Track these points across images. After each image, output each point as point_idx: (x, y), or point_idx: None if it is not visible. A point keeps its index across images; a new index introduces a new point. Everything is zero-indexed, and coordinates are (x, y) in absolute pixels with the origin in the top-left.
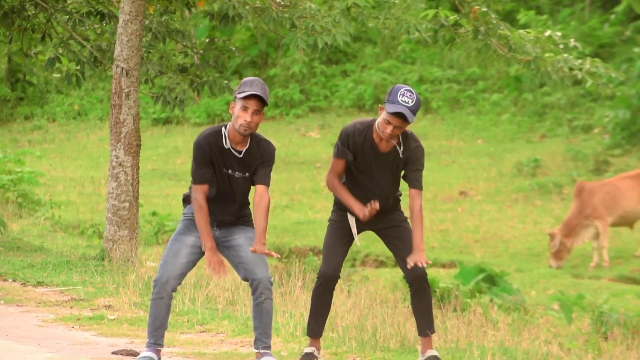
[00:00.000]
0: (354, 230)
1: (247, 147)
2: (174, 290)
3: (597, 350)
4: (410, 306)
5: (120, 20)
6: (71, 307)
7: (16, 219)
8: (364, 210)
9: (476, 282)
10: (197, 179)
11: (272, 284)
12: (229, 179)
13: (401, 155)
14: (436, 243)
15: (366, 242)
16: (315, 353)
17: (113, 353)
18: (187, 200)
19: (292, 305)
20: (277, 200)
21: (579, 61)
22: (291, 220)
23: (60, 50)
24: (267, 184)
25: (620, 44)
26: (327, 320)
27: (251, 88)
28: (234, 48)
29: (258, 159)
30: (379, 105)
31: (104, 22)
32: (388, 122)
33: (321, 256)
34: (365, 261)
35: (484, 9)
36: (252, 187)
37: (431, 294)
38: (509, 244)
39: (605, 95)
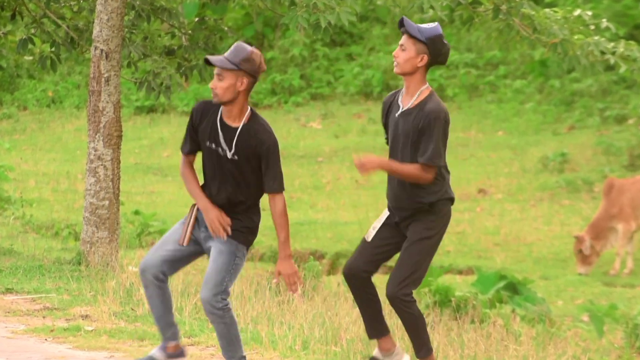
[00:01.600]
0: (377, 224)
1: (240, 124)
2: (157, 277)
3: None
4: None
5: None
6: (44, 317)
7: None
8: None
9: (496, 290)
10: (182, 146)
11: (218, 307)
12: (215, 156)
13: (415, 114)
14: (452, 247)
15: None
16: (380, 357)
17: None
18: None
19: (290, 316)
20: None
21: (612, 44)
22: (290, 221)
23: (33, 31)
24: (278, 190)
25: None
26: (330, 332)
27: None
28: (226, 28)
29: (251, 146)
30: None
31: None
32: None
33: (323, 262)
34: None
35: None
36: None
37: (413, 318)
38: (533, 248)
39: None
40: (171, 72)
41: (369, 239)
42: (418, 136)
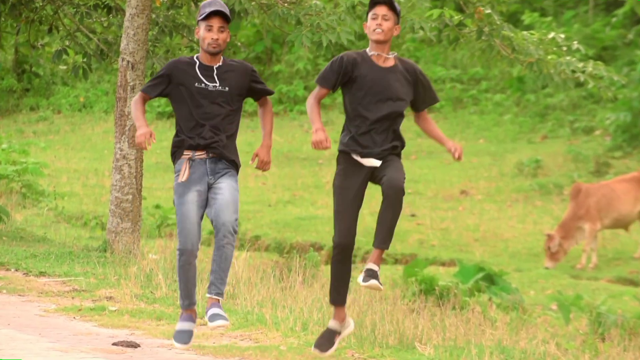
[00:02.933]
0: (367, 162)
1: (219, 63)
2: (198, 249)
3: (594, 351)
4: (377, 219)
5: (127, 14)
6: (73, 298)
7: (20, 209)
8: (316, 136)
9: (475, 280)
10: (145, 87)
11: (236, 231)
12: (204, 94)
13: (402, 69)
14: (436, 241)
15: (367, 239)
16: (338, 328)
17: (113, 344)
18: (175, 154)
19: (292, 300)
20: (279, 195)
21: (582, 63)
22: (293, 216)
23: (67, 43)
24: (268, 93)
25: (622, 47)
26: (327, 316)
27: (210, 7)
28: (239, 43)
29: (235, 73)
30: (364, 23)
31: (111, 15)
32: (374, 17)
33: (322, 252)
34: (366, 257)
35: (488, 10)
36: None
37: (400, 211)
38: (509, 244)
39: (606, 97)
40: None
41: (377, 164)
42: (415, 86)
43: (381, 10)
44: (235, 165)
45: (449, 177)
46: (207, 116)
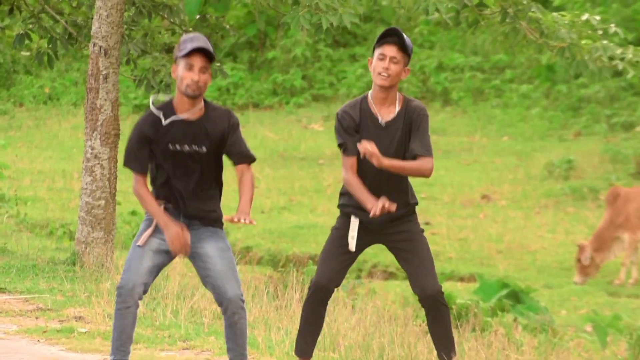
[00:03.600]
0: (353, 232)
1: (200, 115)
2: (140, 298)
3: None
4: (429, 330)
5: None
6: (37, 318)
7: None
8: (376, 205)
9: (498, 298)
10: (136, 167)
11: (244, 301)
12: (179, 156)
13: (404, 119)
14: (454, 253)
15: (374, 251)
16: None
17: None
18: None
19: (288, 321)
20: (274, 200)
21: (620, 50)
22: (289, 224)
23: (30, 26)
24: (248, 161)
25: None
26: (328, 339)
27: (192, 43)
28: (228, 26)
29: (218, 131)
30: (369, 59)
31: None
32: (382, 57)
33: None
34: (373, 272)
35: None
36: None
37: (449, 313)
38: (537, 256)
39: None
40: (170, 69)
41: (353, 248)
42: (410, 133)
43: (390, 50)
44: (215, 220)
45: (468, 180)
46: (181, 179)
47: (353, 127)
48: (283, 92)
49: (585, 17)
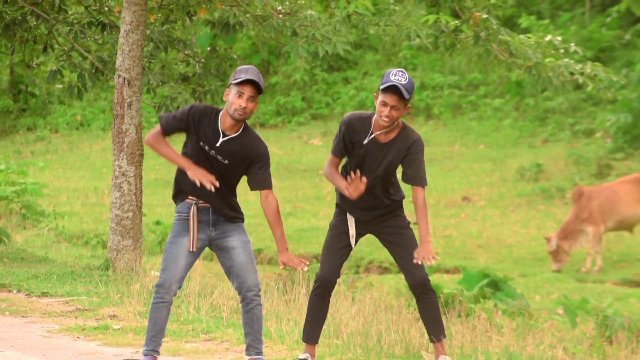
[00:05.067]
0: (352, 231)
1: (236, 134)
2: (175, 294)
3: (602, 354)
4: (420, 314)
5: (122, 30)
6: (76, 317)
7: (20, 230)
8: (349, 190)
9: (480, 287)
10: (165, 124)
11: (260, 290)
12: (206, 156)
13: (399, 144)
14: (440, 249)
15: (370, 249)
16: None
17: None
18: (177, 196)
19: (296, 312)
20: (280, 207)
21: (580, 65)
22: (294, 228)
23: (62, 62)
24: (270, 187)
25: (620, 48)
26: (332, 327)
27: (246, 75)
28: (235, 56)
29: (243, 153)
30: (374, 94)
31: (105, 32)
32: (384, 104)
33: None
34: (369, 267)
35: (485, 15)
36: (241, 186)
37: (436, 298)
38: (513, 249)
39: (606, 99)
40: (186, 96)
41: (354, 245)
42: (406, 162)
43: (392, 100)
44: (237, 217)
45: (450, 184)
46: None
47: (350, 139)
48: (285, 112)
49: (548, 38)
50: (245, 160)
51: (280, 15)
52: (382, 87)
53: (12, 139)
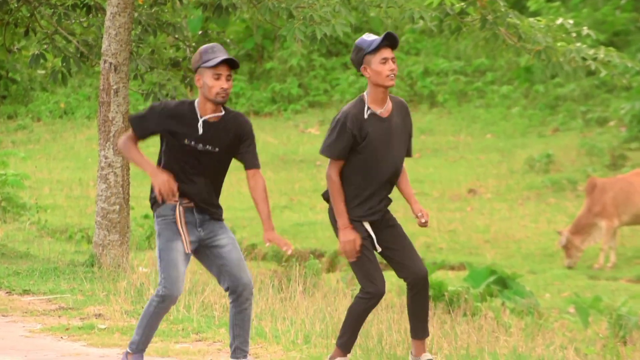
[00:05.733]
0: (373, 235)
1: (220, 119)
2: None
3: (615, 355)
4: (407, 307)
5: (108, 13)
6: (59, 317)
7: (0, 224)
8: (348, 242)
9: (487, 284)
10: (139, 129)
11: (253, 287)
12: (195, 153)
13: (399, 113)
14: (444, 244)
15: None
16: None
17: None
18: (156, 201)
19: (292, 311)
20: (275, 200)
21: (593, 50)
22: (291, 222)
23: (45, 46)
24: (258, 166)
25: (635, 32)
26: (331, 327)
27: (216, 54)
28: (228, 40)
29: (232, 134)
30: (362, 67)
31: (91, 15)
32: (384, 61)
33: (322, 260)
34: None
35: None
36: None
37: (428, 293)
38: (521, 244)
39: (620, 86)
40: (176, 83)
41: (379, 248)
42: (405, 127)
43: (390, 52)
44: (221, 214)
45: (455, 175)
46: (194, 172)
47: (354, 134)
48: (281, 100)
49: (559, 21)
50: (235, 141)
51: None
52: (375, 46)
53: None
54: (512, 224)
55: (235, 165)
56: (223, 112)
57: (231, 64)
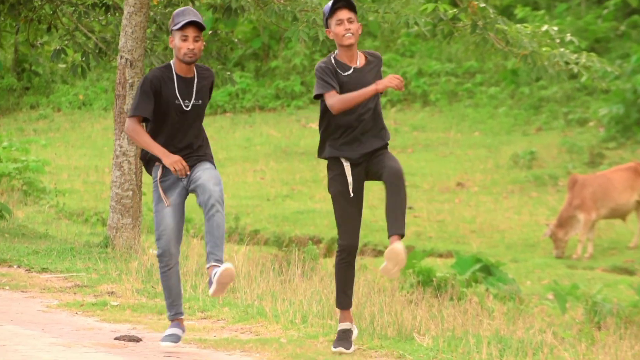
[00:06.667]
0: (349, 178)
1: (194, 74)
2: (179, 255)
3: (590, 339)
4: (385, 209)
5: (125, 12)
6: (75, 293)
7: (21, 207)
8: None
9: (472, 272)
10: (135, 110)
11: (222, 199)
12: (180, 110)
13: (374, 65)
14: (433, 233)
15: (364, 232)
16: (352, 328)
17: (115, 339)
18: (149, 162)
19: (291, 293)
20: (278, 190)
21: (575, 55)
22: (291, 210)
23: (66, 42)
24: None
25: (615, 39)
26: (326, 308)
27: (184, 17)
28: (236, 40)
29: (206, 85)
30: (326, 30)
31: (109, 13)
32: (340, 22)
33: (320, 246)
34: (364, 250)
35: (482, 4)
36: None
37: (405, 194)
38: (505, 235)
39: (600, 89)
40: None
41: (352, 193)
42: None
43: (344, 14)
44: (204, 155)
45: (445, 169)
46: (181, 131)
47: (332, 72)
48: (285, 96)
49: (544, 28)
50: (208, 90)
51: (282, 0)
52: (328, 9)
53: (15, 117)
54: (496, 215)
55: (240, 155)
56: (195, 69)
57: (197, 26)
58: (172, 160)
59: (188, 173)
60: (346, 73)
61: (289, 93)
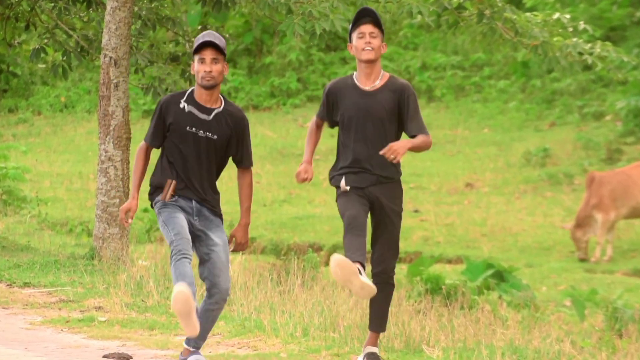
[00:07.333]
0: (344, 181)
1: (218, 107)
2: (192, 249)
3: (611, 348)
4: (369, 302)
5: (108, 8)
6: (60, 309)
7: (1, 217)
8: (303, 171)
9: (484, 278)
10: (146, 136)
11: (229, 295)
12: (194, 138)
13: (391, 91)
14: (441, 237)
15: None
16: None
17: (104, 357)
18: (155, 193)
19: (291, 304)
20: (274, 194)
21: (589, 45)
22: (289, 215)
23: (45, 40)
24: (250, 164)
25: (632, 27)
26: (329, 320)
27: (202, 38)
28: (227, 35)
29: (230, 125)
30: (348, 44)
31: (91, 9)
32: (362, 35)
33: (321, 253)
34: (368, 258)
35: None
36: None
37: (392, 293)
38: (518, 238)
39: (616, 80)
40: (175, 77)
41: (347, 187)
42: (399, 108)
43: (367, 28)
44: (220, 216)
45: (453, 169)
46: (195, 162)
47: (333, 102)
48: (280, 94)
49: (556, 16)
50: (231, 133)
51: None
52: (353, 24)
53: None
54: (509, 217)
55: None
56: (223, 103)
57: (215, 47)
58: (123, 206)
59: (128, 222)
60: (355, 96)
61: (285, 91)
